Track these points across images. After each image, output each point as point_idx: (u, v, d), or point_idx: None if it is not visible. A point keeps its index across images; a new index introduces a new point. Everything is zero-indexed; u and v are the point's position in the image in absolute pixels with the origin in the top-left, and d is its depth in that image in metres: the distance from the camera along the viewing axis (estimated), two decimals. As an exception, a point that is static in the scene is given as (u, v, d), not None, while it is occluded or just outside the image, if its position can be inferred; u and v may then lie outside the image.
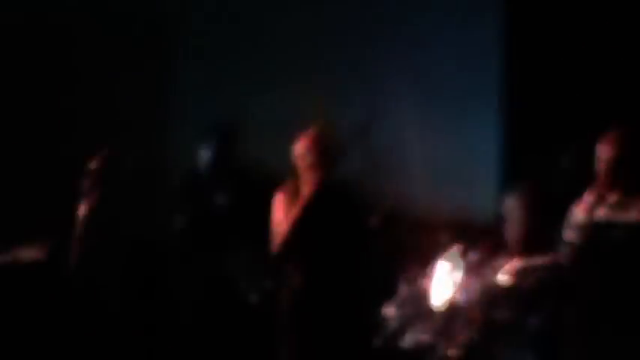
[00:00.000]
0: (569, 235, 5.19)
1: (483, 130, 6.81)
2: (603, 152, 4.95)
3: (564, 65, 6.59)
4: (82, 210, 5.16)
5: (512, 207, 5.78)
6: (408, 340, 5.74)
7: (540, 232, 5.51)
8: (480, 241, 5.82)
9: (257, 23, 6.78)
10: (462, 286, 5.65)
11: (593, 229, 5.04)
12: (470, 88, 6.72)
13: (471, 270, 5.66)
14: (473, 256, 5.67)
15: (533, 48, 6.63)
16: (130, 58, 6.72)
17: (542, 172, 5.74)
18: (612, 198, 4.99)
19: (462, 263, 5.70)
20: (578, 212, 5.15)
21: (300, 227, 5.16)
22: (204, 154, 5.68)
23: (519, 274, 5.58)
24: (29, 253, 5.54)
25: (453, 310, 5.64)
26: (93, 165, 5.23)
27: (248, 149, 5.77)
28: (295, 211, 5.16)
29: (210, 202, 5.73)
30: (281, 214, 5.26)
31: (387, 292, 5.75)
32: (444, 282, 5.68)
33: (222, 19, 6.85)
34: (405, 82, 6.59)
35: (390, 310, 5.83)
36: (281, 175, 5.32)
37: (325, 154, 5.27)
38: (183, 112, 6.79)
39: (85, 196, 5.19)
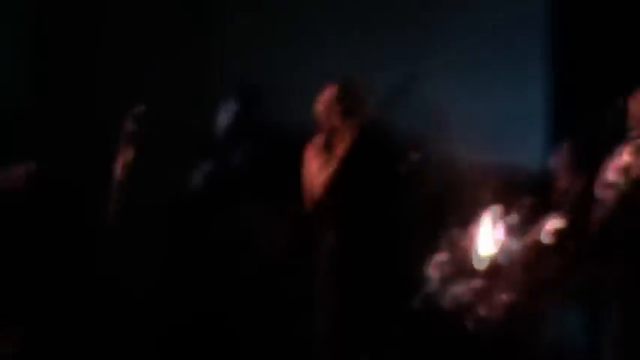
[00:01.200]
0: (615, 178, 5.10)
1: (531, 84, 6.82)
2: (635, 107, 5.00)
3: (614, 18, 6.56)
4: (119, 166, 5.20)
5: (559, 165, 5.93)
6: (448, 300, 5.81)
7: (587, 191, 5.45)
8: (525, 199, 5.81)
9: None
10: (504, 247, 5.69)
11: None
12: (518, 42, 6.73)
13: (513, 230, 5.69)
14: (516, 215, 5.69)
15: (579, 7, 6.64)
16: (172, 17, 6.85)
17: (590, 128, 5.64)
18: None
19: (504, 223, 5.71)
20: (625, 156, 5.06)
21: (335, 185, 5.18)
22: (225, 115, 5.80)
23: (572, 221, 5.60)
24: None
25: (493, 270, 5.70)
26: (130, 122, 5.26)
27: (289, 105, 5.86)
28: (330, 169, 5.20)
29: (227, 162, 5.83)
30: (312, 169, 5.33)
31: (424, 248, 5.78)
32: (486, 242, 5.71)
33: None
34: (451, 36, 6.66)
35: (429, 270, 5.88)
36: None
37: (355, 107, 5.28)
38: (223, 70, 6.86)
39: (122, 152, 5.24)
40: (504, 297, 5.58)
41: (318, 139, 5.32)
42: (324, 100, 5.27)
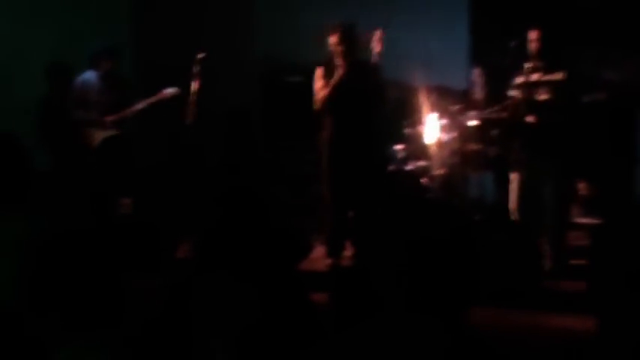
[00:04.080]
0: (513, 92, 6.61)
1: (460, 26, 8.65)
2: (532, 36, 6.39)
3: None
4: (194, 86, 7.03)
5: (477, 77, 7.58)
6: (411, 164, 7.54)
7: (495, 92, 7.12)
8: (457, 99, 7.51)
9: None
10: (446, 129, 7.38)
11: (530, 86, 6.44)
12: (449, 2, 8.57)
13: (452, 118, 7.31)
14: (452, 109, 7.35)
15: None
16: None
17: (498, 51, 6.93)
18: (541, 66, 6.41)
19: (445, 114, 7.36)
20: (519, 77, 6.51)
21: (334, 94, 6.52)
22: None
23: (483, 120, 7.15)
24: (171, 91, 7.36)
25: (439, 144, 7.37)
26: (198, 58, 7.07)
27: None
28: (332, 83, 6.54)
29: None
30: (320, 84, 6.60)
31: (396, 134, 7.38)
32: (434, 127, 7.39)
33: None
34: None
35: (399, 146, 7.62)
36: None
37: (350, 43, 6.50)
38: (263, 20, 8.54)
39: (195, 77, 7.04)
40: (447, 162, 7.24)
41: (325, 66, 6.61)
42: (331, 41, 6.52)
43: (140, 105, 7.46)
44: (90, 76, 7.61)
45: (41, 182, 5.43)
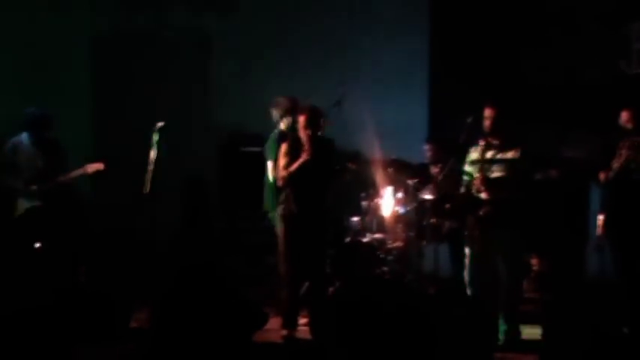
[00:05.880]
0: (468, 168, 6.64)
1: (419, 102, 8.89)
2: (486, 114, 6.52)
3: (471, 62, 8.78)
4: (152, 155, 6.92)
5: (427, 152, 7.79)
6: (367, 237, 7.64)
7: (452, 169, 7.14)
8: (414, 173, 7.63)
9: (269, 35, 8.91)
10: (402, 202, 7.51)
11: (484, 163, 6.46)
12: (407, 78, 8.82)
13: (408, 191, 7.46)
14: (409, 182, 7.48)
15: (450, 51, 8.89)
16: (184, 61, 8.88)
17: (456, 127, 6.89)
18: (495, 143, 6.49)
19: (394, 197, 7.49)
20: (474, 153, 6.60)
21: (297, 173, 6.65)
22: None
23: (440, 195, 7.24)
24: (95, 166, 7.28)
25: (396, 217, 7.54)
26: (157, 127, 6.96)
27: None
28: (296, 165, 6.65)
29: None
30: (284, 161, 6.71)
31: (353, 207, 7.52)
32: (390, 199, 7.52)
33: (244, 32, 8.86)
34: (366, 74, 8.65)
35: (355, 218, 7.75)
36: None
37: (316, 126, 6.69)
38: (222, 92, 8.72)
39: (153, 146, 6.93)
40: (403, 235, 7.34)
41: (289, 142, 6.74)
42: (300, 121, 6.70)
43: (62, 178, 7.30)
44: (22, 139, 7.38)
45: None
